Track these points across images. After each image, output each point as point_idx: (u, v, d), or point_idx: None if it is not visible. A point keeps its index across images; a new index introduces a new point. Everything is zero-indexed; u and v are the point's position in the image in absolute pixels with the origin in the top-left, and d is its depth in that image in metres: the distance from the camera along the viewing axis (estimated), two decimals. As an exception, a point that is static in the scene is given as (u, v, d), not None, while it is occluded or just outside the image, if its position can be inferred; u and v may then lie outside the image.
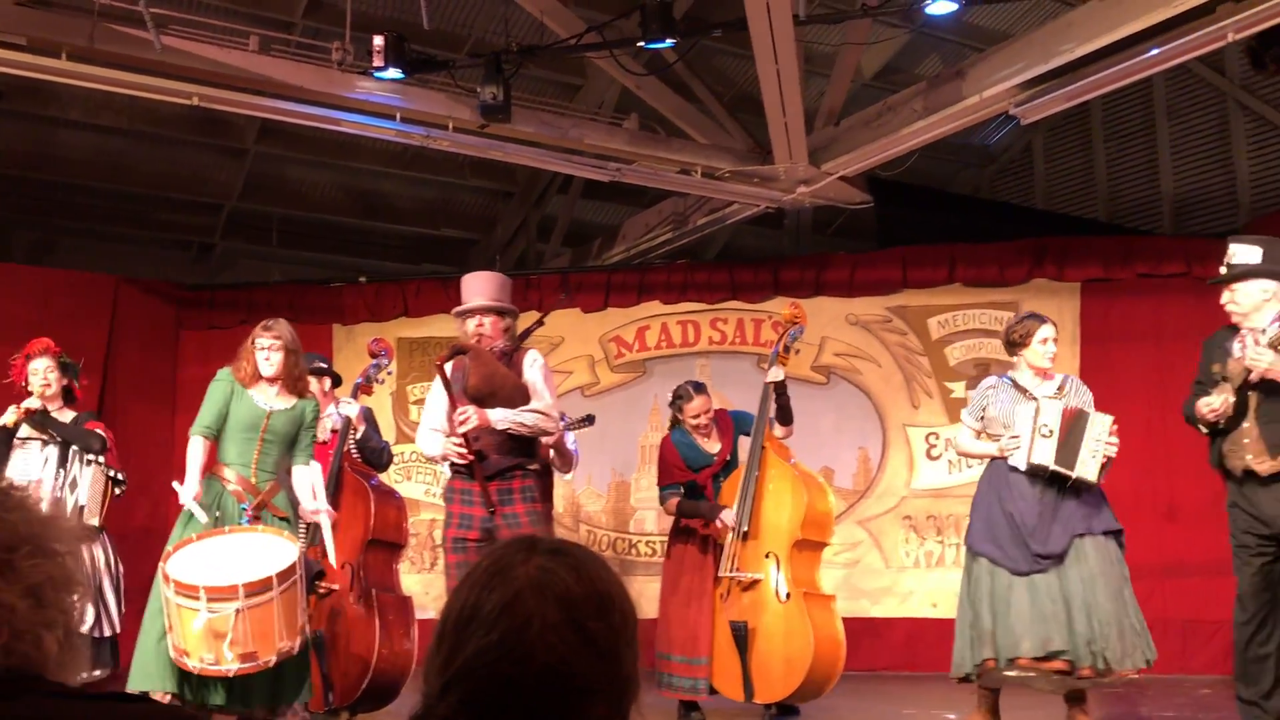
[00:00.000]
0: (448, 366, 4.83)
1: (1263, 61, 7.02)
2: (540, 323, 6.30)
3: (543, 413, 4.78)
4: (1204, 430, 4.49)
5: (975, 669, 4.67)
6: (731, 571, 5.33)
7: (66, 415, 5.65)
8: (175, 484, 4.60)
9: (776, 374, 5.47)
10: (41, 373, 5.56)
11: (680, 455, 5.59)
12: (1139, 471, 7.67)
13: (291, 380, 4.77)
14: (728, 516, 5.34)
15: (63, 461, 5.52)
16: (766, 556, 5.30)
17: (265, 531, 4.46)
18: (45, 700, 1.20)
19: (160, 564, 4.26)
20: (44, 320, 7.81)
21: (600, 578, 1.27)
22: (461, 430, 4.68)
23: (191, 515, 4.52)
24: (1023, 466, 4.68)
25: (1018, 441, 4.67)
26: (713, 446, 5.63)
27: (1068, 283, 8.19)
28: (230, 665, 4.13)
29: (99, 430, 5.64)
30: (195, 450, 4.65)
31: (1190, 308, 7.91)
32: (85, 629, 5.17)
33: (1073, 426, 4.59)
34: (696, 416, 5.59)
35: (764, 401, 5.50)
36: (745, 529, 5.32)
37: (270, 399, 4.73)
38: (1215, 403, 4.34)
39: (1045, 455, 4.60)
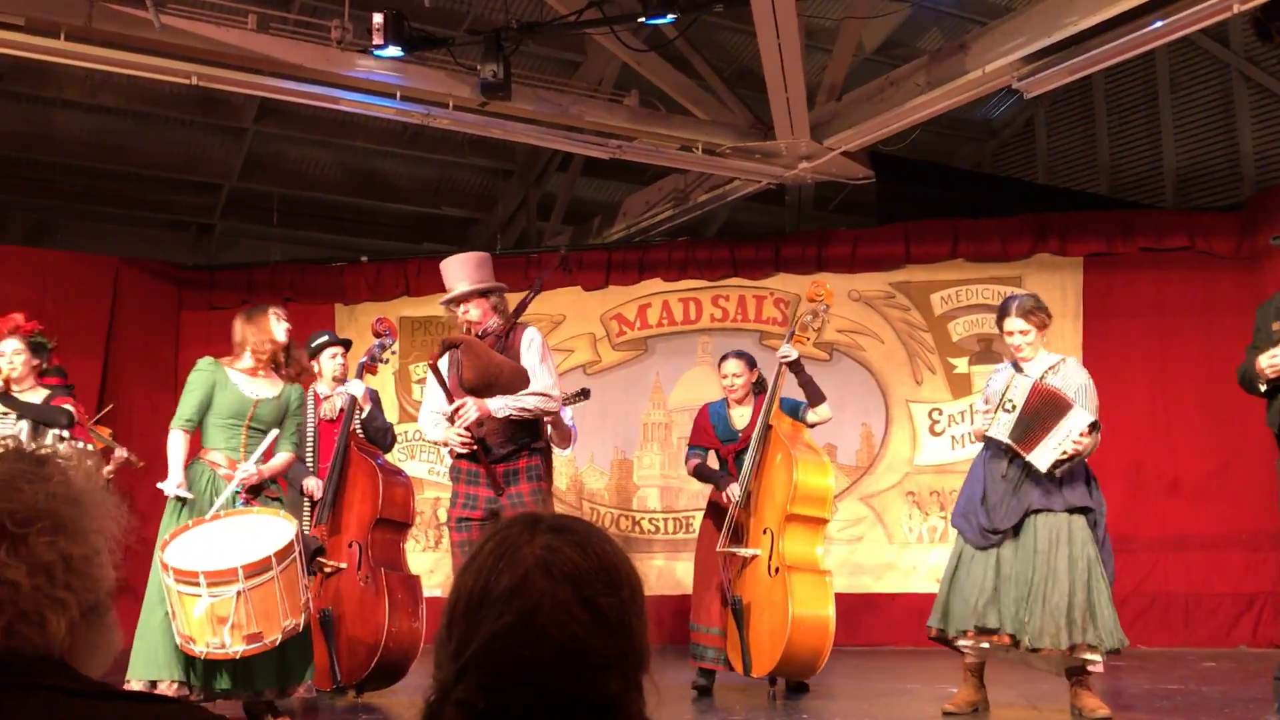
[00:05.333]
0: (442, 363, 4.81)
1: (1268, 32, 6.98)
2: (536, 291, 6.23)
3: (543, 394, 4.76)
4: (1262, 390, 4.32)
5: (935, 632, 4.75)
6: (731, 546, 5.39)
7: (39, 393, 5.54)
8: (160, 484, 4.52)
9: (787, 351, 5.45)
10: (8, 354, 5.43)
11: (711, 424, 5.69)
12: (1141, 445, 7.70)
13: (282, 364, 4.71)
14: (733, 491, 5.40)
15: (36, 433, 5.40)
16: (764, 532, 5.35)
17: (260, 512, 4.44)
18: (59, 699, 1.15)
19: (157, 553, 4.24)
20: (43, 301, 7.81)
21: (606, 552, 1.27)
22: (462, 425, 4.67)
23: (180, 505, 4.46)
24: (995, 437, 4.65)
25: (990, 417, 4.68)
26: (742, 420, 5.65)
27: (1070, 257, 8.19)
28: (236, 647, 4.14)
29: (66, 405, 5.52)
30: (176, 444, 4.54)
31: (1192, 281, 7.91)
32: None
33: (1048, 410, 4.52)
34: (725, 377, 5.67)
35: (776, 379, 5.51)
36: (741, 505, 5.37)
37: (258, 387, 4.64)
38: (1279, 357, 4.18)
39: (1001, 430, 4.59)
